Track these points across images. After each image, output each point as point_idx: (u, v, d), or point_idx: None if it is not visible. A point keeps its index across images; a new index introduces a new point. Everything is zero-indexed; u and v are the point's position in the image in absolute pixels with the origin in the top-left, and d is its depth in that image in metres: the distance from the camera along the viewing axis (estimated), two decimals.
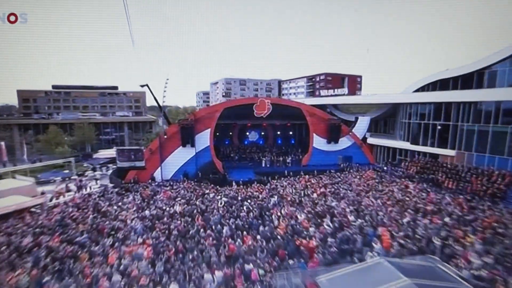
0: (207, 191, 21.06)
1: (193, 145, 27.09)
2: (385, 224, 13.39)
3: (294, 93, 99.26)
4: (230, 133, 35.01)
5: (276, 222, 14.00)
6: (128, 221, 14.51)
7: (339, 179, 23.89)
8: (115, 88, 78.82)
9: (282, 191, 20.98)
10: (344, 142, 30.30)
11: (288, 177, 26.59)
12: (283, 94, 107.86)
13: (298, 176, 25.76)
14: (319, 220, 14.27)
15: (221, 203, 17.55)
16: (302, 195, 19.72)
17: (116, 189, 21.52)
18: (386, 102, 32.95)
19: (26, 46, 42.28)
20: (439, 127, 26.67)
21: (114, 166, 28.17)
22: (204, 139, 27.84)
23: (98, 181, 25.67)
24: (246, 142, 35.86)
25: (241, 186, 22.57)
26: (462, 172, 22.40)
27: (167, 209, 16.59)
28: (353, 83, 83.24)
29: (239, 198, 18.98)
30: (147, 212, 16.01)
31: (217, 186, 24.88)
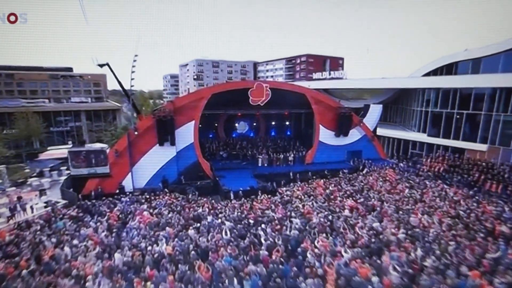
0: (199, 209, 15.83)
1: (173, 143, 21.40)
2: (471, 263, 9.36)
3: (272, 76, 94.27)
4: (216, 124, 29.44)
5: (320, 270, 9.34)
6: (89, 280, 9.10)
7: (362, 184, 19.76)
8: (70, 69, 68.41)
9: (300, 205, 16.35)
10: (354, 135, 26.14)
11: (296, 181, 22.05)
12: (258, 77, 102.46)
13: (309, 180, 21.26)
14: (375, 259, 9.88)
15: (225, 233, 12.52)
16: (329, 211, 15.25)
17: (70, 210, 15.58)
18: (398, 87, 29.18)
19: None
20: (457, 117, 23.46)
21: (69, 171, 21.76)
22: (186, 134, 22.21)
23: (44, 195, 19.22)
24: (234, 135, 30.57)
25: (243, 199, 17.62)
26: (504, 171, 19.28)
27: (149, 247, 11.27)
28: (335, 66, 79.94)
29: (248, 221, 14.04)
30: (117, 257, 10.56)
31: (210, 198, 19.74)
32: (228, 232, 12.46)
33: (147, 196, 17.84)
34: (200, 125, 22.87)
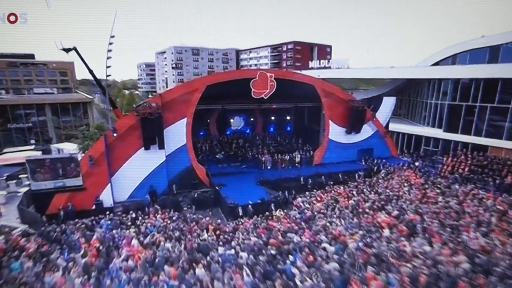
0: (204, 235, 12.60)
1: (161, 146, 17.84)
2: None
3: (256, 65, 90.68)
4: (208, 121, 25.90)
5: None
6: None
7: (387, 190, 17.28)
8: (31, 56, 61.18)
9: (326, 223, 13.56)
10: (365, 131, 23.60)
11: (307, 186, 19.29)
12: (241, 66, 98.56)
13: (325, 186, 18.55)
14: None
15: (246, 272, 9.47)
16: (365, 231, 12.57)
17: (30, 243, 11.85)
18: (411, 77, 26.86)
19: None
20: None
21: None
22: (177, 134, 18.66)
23: None
24: (228, 132, 27.20)
25: (255, 217, 14.54)
26: None
27: None
28: (323, 54, 77.66)
29: (270, 251, 11.04)
30: None
31: (210, 211, 16.56)
32: (249, 271, 9.42)
33: (134, 216, 14.33)
34: None
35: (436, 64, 27.12)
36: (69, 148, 26.16)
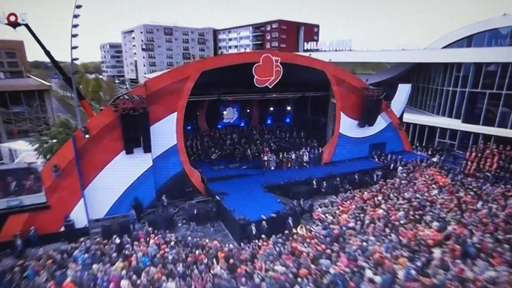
0: (215, 267, 10.35)
1: (147, 149, 15.12)
2: None
3: (236, 46, 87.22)
4: (197, 113, 23.12)
5: None
6: None
7: (416, 195, 15.74)
8: None
9: (360, 242, 11.73)
10: (378, 124, 22.00)
11: (322, 190, 17.47)
12: (220, 48, 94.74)
13: (345, 191, 16.76)
14: None
15: None
16: (410, 252, 10.88)
17: None
18: (427, 61, 25.39)
19: None
20: None
21: None
22: (166, 133, 15.93)
23: None
24: (220, 126, 24.63)
25: (273, 236, 12.42)
26: None
27: None
28: (310, 34, 75.73)
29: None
30: None
31: (211, 227, 14.31)
32: None
33: (118, 242, 11.75)
34: None
35: (448, 46, 25.94)
36: (24, 148, 22.54)
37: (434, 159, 21.84)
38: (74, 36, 15.39)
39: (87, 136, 13.75)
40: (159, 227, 14.01)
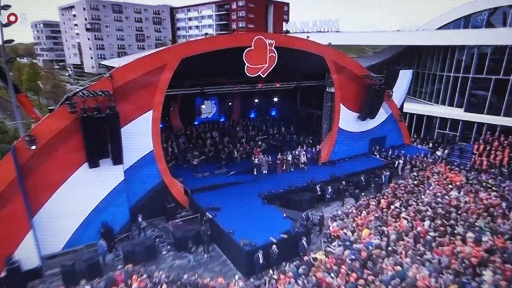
0: None
1: (117, 159, 12.62)
2: None
3: (197, 27, 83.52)
4: (170, 108, 20.57)
5: None
6: None
7: (437, 200, 14.94)
8: None
9: (395, 266, 10.52)
10: (379, 116, 21.04)
11: (326, 197, 16.18)
12: (178, 29, 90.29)
13: (357, 196, 15.54)
14: None
15: None
16: (459, 276, 9.90)
17: None
18: (427, 44, 24.78)
19: None
20: None
21: None
22: (139, 137, 13.46)
23: None
24: (197, 122, 22.31)
25: (288, 264, 10.80)
26: None
27: None
28: (279, 13, 74.36)
29: None
30: None
31: (204, 254, 12.39)
32: None
33: None
34: None
35: (443, 27, 25.65)
36: None
37: (438, 153, 21.51)
38: (4, 8, 12.40)
39: (33, 147, 10.99)
40: (138, 259, 11.84)
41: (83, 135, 11.48)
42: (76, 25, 78.04)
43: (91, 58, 74.87)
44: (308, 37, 17.43)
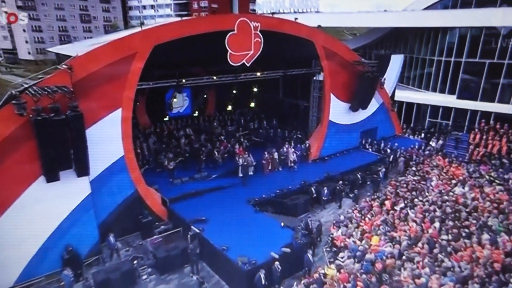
0: None
1: (82, 170, 11.24)
2: None
3: (152, 7, 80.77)
4: (137, 103, 19.05)
5: None
6: None
7: (443, 198, 14.98)
8: None
9: (416, 278, 10.24)
10: (371, 105, 20.92)
11: (322, 200, 15.79)
12: (130, 8, 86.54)
13: (355, 201, 15.22)
14: None
15: None
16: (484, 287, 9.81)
17: None
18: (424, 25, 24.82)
19: None
20: None
21: None
22: (107, 141, 12.12)
23: None
24: (170, 115, 20.97)
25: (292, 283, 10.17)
26: None
27: None
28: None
29: None
30: None
31: (195, 274, 11.48)
32: None
33: None
34: None
35: (430, 8, 25.98)
36: None
37: (433, 144, 21.89)
38: None
39: None
40: None
41: (37, 143, 10.01)
42: (3, 1, 71.56)
43: (26, 42, 69.12)
44: (296, 19, 16.73)
